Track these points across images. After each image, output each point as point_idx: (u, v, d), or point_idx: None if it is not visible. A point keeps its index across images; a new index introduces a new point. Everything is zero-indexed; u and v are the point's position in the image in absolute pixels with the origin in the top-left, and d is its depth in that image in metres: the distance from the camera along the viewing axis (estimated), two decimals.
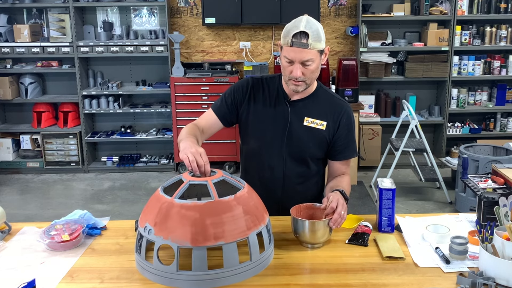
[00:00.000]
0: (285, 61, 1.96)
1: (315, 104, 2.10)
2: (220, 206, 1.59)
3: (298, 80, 1.96)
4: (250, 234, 1.60)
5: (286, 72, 1.99)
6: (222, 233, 1.55)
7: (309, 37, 1.89)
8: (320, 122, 2.07)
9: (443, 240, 1.81)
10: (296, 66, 1.93)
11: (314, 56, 1.93)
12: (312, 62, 1.94)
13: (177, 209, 1.58)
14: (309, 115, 2.08)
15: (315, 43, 1.91)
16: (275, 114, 2.09)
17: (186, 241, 1.53)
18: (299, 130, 2.07)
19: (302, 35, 1.90)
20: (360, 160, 5.45)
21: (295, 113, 2.08)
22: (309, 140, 2.08)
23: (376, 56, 5.54)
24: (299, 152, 2.09)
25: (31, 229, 2.01)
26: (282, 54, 1.98)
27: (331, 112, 2.09)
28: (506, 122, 5.70)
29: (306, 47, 1.90)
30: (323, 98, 2.11)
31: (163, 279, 1.57)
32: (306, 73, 1.96)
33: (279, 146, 2.08)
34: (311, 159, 2.12)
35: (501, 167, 3.40)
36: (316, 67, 1.97)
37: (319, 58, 1.97)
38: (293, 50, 1.91)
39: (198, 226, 1.54)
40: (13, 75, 5.58)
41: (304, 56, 1.91)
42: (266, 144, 2.10)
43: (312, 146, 2.09)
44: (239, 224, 1.59)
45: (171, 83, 5.33)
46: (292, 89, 2.01)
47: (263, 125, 2.10)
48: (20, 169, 5.66)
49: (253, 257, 1.61)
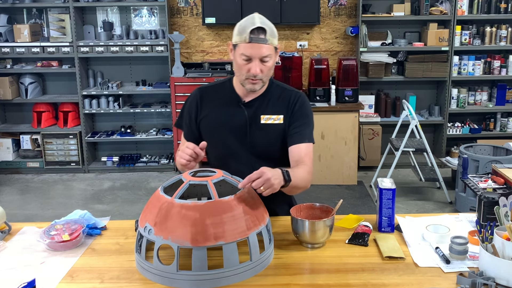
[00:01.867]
0: (242, 59, 1.93)
1: (268, 100, 2.07)
2: (220, 206, 1.59)
3: (256, 78, 1.94)
4: (250, 234, 1.59)
5: (243, 71, 1.95)
6: (222, 233, 1.55)
7: (266, 33, 1.89)
8: (276, 116, 2.05)
9: (443, 240, 1.81)
10: (255, 63, 1.91)
11: (271, 52, 1.92)
12: (270, 58, 1.93)
13: (177, 209, 1.58)
14: (265, 113, 2.05)
15: (272, 39, 1.92)
16: (232, 119, 2.05)
17: (186, 241, 1.53)
18: (259, 130, 2.05)
19: (259, 31, 1.89)
20: (360, 160, 5.45)
21: (251, 114, 2.05)
22: (271, 137, 2.05)
23: (376, 56, 5.54)
24: (265, 151, 2.06)
25: (31, 229, 2.01)
26: (238, 53, 1.94)
27: (284, 104, 2.07)
28: (506, 122, 5.70)
29: (265, 42, 1.89)
30: (276, 93, 2.09)
31: (163, 279, 1.57)
32: (264, 70, 1.94)
33: (244, 150, 2.05)
34: (278, 155, 2.07)
35: (501, 167, 3.40)
36: (272, 64, 1.97)
37: (275, 55, 1.97)
38: (252, 46, 1.89)
39: (198, 226, 1.54)
40: (13, 75, 5.58)
41: (263, 51, 1.90)
42: (230, 151, 2.06)
43: (275, 143, 2.06)
44: (239, 224, 1.59)
45: (171, 83, 5.33)
46: (249, 88, 1.98)
47: (223, 133, 2.06)
48: (20, 169, 5.66)
49: (253, 257, 1.61)
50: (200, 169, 1.78)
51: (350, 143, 5.07)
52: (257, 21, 1.91)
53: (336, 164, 5.12)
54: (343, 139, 5.05)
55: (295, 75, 5.21)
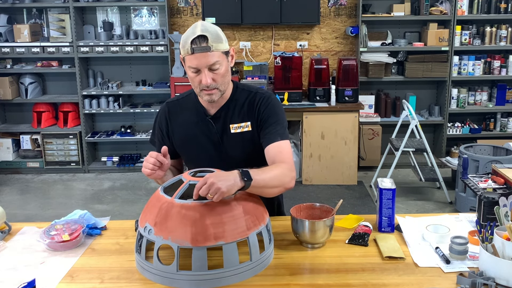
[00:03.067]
0: (191, 72, 1.85)
1: (234, 108, 1.99)
2: (220, 206, 1.59)
3: (210, 87, 1.85)
4: (250, 234, 1.60)
5: (195, 83, 1.87)
6: (222, 233, 1.55)
7: (208, 40, 1.79)
8: (244, 124, 1.98)
9: (443, 240, 1.81)
10: (204, 73, 1.82)
11: (219, 59, 1.83)
12: (220, 65, 1.84)
13: (177, 209, 1.58)
14: (232, 122, 1.98)
15: (217, 44, 1.81)
16: (202, 134, 2.00)
17: (186, 241, 1.53)
18: (231, 141, 1.99)
19: (200, 39, 1.79)
20: (360, 160, 5.45)
21: (220, 125, 1.99)
22: (244, 145, 1.99)
23: (376, 56, 5.54)
24: (241, 161, 1.95)
25: (31, 229, 2.01)
26: (186, 66, 1.86)
27: (249, 109, 1.98)
28: (506, 122, 5.70)
29: (208, 50, 1.79)
30: (241, 99, 2.00)
31: (163, 279, 1.57)
32: (216, 78, 1.85)
33: (221, 162, 1.96)
34: (255, 161, 1.95)
35: (501, 167, 3.39)
36: (225, 71, 1.87)
37: (226, 60, 1.88)
38: (196, 57, 1.80)
39: (198, 226, 1.54)
40: (13, 75, 5.58)
41: (208, 60, 1.80)
42: (208, 164, 1.93)
43: (249, 151, 1.99)
44: (239, 224, 1.59)
45: (171, 83, 5.33)
46: (207, 99, 1.89)
47: (196, 148, 2.02)
48: (20, 169, 5.66)
49: (253, 257, 1.61)
50: (200, 169, 1.78)
51: (350, 143, 5.07)
52: (197, 30, 1.81)
53: (336, 164, 5.12)
54: (343, 139, 5.05)
55: (295, 75, 5.21)
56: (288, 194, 2.31)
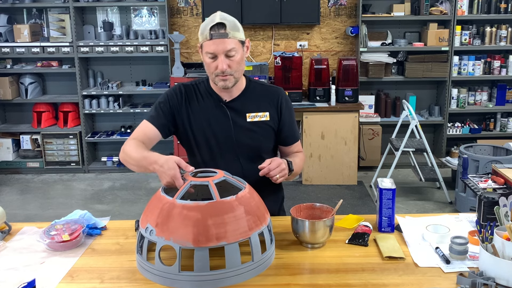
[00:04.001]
0: (208, 58, 1.93)
1: (251, 98, 2.07)
2: (222, 206, 1.58)
3: (226, 73, 1.93)
4: (252, 235, 1.59)
5: (211, 69, 1.95)
6: (224, 233, 1.55)
7: (226, 27, 1.89)
8: (262, 114, 2.07)
9: (443, 240, 1.81)
10: (221, 58, 1.91)
11: (236, 46, 1.92)
12: (236, 52, 1.92)
13: (179, 209, 1.57)
14: (249, 111, 2.06)
15: (234, 32, 1.91)
16: (215, 119, 2.04)
17: (188, 242, 1.53)
18: (245, 128, 2.05)
19: (219, 26, 1.89)
20: (360, 160, 5.45)
21: (234, 113, 2.05)
22: (258, 135, 2.06)
23: (376, 56, 5.54)
24: (253, 150, 2.06)
25: (31, 229, 2.01)
26: (203, 51, 1.94)
27: (268, 101, 2.09)
28: (506, 122, 5.70)
29: (226, 37, 1.89)
30: (257, 90, 2.10)
31: (165, 280, 1.57)
32: (232, 65, 1.93)
33: (230, 150, 2.04)
34: (265, 152, 2.10)
35: (501, 167, 3.39)
36: (241, 58, 1.95)
37: (242, 49, 1.96)
38: (214, 42, 1.89)
39: (200, 226, 1.54)
40: (13, 75, 5.58)
41: (226, 46, 1.89)
42: (216, 151, 2.04)
43: (263, 140, 2.08)
44: (241, 224, 1.58)
45: (171, 83, 5.33)
46: (221, 85, 1.96)
47: (207, 133, 2.05)
48: (20, 169, 5.66)
49: (255, 257, 1.61)
50: (201, 170, 1.78)
51: (350, 143, 5.07)
52: (216, 17, 1.92)
53: (336, 164, 5.12)
54: (343, 139, 5.05)
55: (295, 75, 5.21)
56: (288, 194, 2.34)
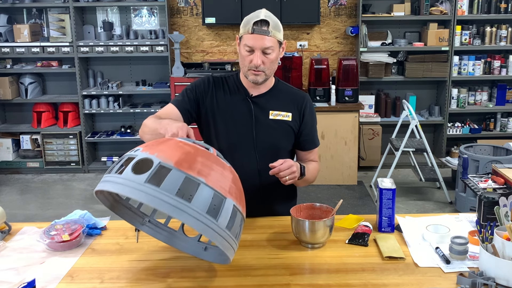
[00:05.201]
0: (245, 50, 1.97)
1: (276, 97, 2.11)
2: (215, 158, 1.53)
3: (258, 69, 1.97)
4: (228, 198, 1.48)
5: (245, 62, 1.99)
6: (207, 174, 1.45)
7: (269, 25, 1.94)
8: (285, 113, 2.10)
9: (443, 240, 1.81)
10: (257, 54, 1.95)
11: (274, 45, 1.96)
12: (272, 51, 1.97)
13: (175, 141, 1.54)
14: (273, 108, 2.09)
15: (275, 32, 1.96)
16: (239, 111, 2.08)
17: (170, 161, 1.42)
18: (266, 125, 2.08)
19: (262, 23, 1.94)
20: (360, 160, 5.45)
21: (258, 108, 2.08)
22: (278, 132, 2.09)
23: (376, 56, 5.54)
24: (270, 146, 2.09)
25: (31, 229, 2.01)
26: (242, 43, 1.99)
27: (293, 103, 2.12)
28: (506, 122, 5.70)
29: (267, 34, 1.93)
30: (284, 91, 2.14)
31: (125, 188, 1.41)
32: (266, 62, 1.98)
33: (249, 143, 2.07)
34: (282, 152, 2.12)
35: (501, 167, 3.39)
36: (275, 57, 2.00)
37: (278, 49, 2.01)
38: (254, 37, 1.94)
39: (189, 157, 1.47)
40: (13, 75, 5.58)
41: (265, 43, 1.94)
42: (235, 143, 2.08)
43: (281, 138, 2.10)
44: (225, 182, 1.49)
45: (171, 83, 5.33)
46: (252, 79, 2.01)
47: (228, 124, 2.08)
48: (20, 169, 5.66)
49: (220, 220, 1.44)
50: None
51: (350, 143, 5.07)
52: (261, 14, 1.96)
53: (336, 164, 5.12)
54: (343, 139, 5.05)
55: (295, 75, 5.21)
56: None
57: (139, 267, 1.71)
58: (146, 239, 1.88)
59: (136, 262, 1.74)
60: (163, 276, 1.65)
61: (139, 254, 1.79)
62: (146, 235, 1.81)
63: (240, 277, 1.63)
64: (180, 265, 1.71)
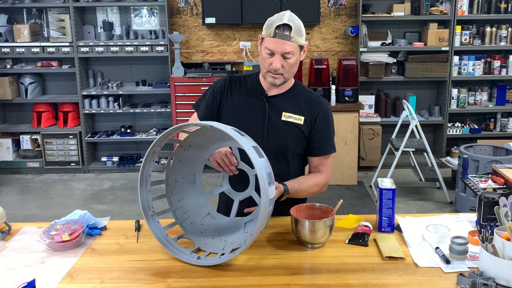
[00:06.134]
0: (266, 53, 1.97)
1: (292, 99, 2.11)
2: None
3: (277, 72, 1.98)
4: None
5: (265, 64, 1.99)
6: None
7: (291, 30, 1.92)
8: (297, 117, 2.08)
9: (443, 240, 1.81)
10: (277, 57, 1.95)
11: (294, 50, 1.96)
12: (292, 55, 1.96)
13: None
14: (287, 110, 2.09)
15: (297, 37, 1.94)
16: (252, 109, 2.09)
17: None
18: (278, 125, 2.08)
19: (285, 27, 1.92)
20: (360, 160, 5.45)
21: (272, 108, 2.08)
22: (288, 135, 2.08)
23: (376, 56, 5.54)
24: (279, 147, 2.08)
25: (31, 229, 2.00)
26: (263, 46, 1.99)
27: (307, 107, 2.10)
28: (506, 122, 5.70)
29: (288, 39, 1.92)
30: (300, 94, 2.13)
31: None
32: (285, 66, 1.97)
33: (259, 142, 2.02)
34: (291, 155, 2.11)
35: (501, 167, 3.40)
36: (295, 62, 2.00)
37: (299, 53, 2.00)
38: (275, 41, 1.93)
39: None
40: (13, 75, 5.58)
41: (285, 48, 1.93)
42: None
43: (291, 141, 2.09)
44: None
45: (171, 83, 5.33)
46: (270, 82, 2.02)
47: (240, 120, 2.07)
48: (20, 169, 5.66)
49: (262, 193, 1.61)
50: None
51: (350, 143, 5.07)
52: (285, 18, 1.95)
53: (336, 164, 5.11)
54: (343, 139, 5.05)
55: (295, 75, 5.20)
56: None
57: (139, 267, 1.71)
58: (146, 239, 1.88)
59: (136, 262, 1.74)
60: (163, 276, 1.65)
61: (139, 254, 1.79)
62: (146, 235, 1.81)
63: (240, 277, 1.63)
64: (180, 265, 1.71)
